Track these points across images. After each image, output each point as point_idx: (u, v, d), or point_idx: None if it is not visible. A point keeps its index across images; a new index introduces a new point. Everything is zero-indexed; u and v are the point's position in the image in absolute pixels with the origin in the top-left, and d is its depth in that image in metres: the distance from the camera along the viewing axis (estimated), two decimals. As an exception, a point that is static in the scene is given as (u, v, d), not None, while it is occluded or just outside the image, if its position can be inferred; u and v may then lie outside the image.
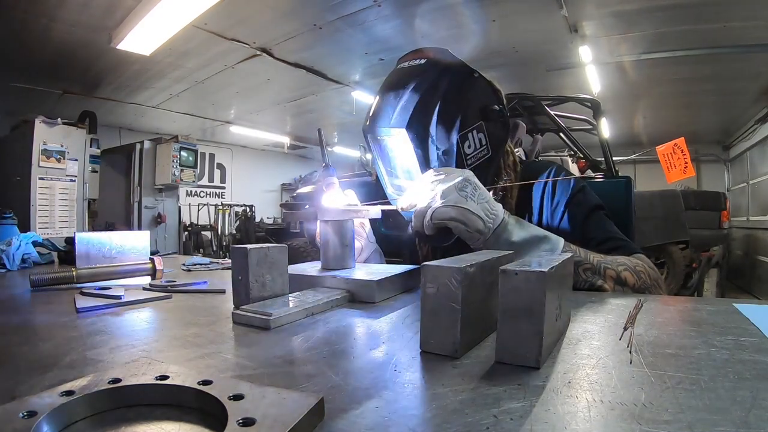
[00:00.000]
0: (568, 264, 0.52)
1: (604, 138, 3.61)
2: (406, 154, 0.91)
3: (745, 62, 4.78)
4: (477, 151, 0.90)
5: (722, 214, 5.75)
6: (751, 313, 0.58)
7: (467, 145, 0.89)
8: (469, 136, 0.89)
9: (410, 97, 0.88)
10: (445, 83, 0.89)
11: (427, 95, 0.88)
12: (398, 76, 0.94)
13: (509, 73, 5.59)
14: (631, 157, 8.02)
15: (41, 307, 0.72)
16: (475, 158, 0.90)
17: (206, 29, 4.40)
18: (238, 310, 0.57)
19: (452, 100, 0.89)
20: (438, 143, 0.87)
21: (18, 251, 1.17)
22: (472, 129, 0.89)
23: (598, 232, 0.95)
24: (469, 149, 0.89)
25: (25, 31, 4.16)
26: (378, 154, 0.97)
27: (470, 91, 0.92)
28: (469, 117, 0.89)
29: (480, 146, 0.90)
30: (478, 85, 0.95)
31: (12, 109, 5.51)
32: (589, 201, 0.99)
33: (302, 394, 0.31)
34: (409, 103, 0.88)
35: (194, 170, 6.66)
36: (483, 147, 0.91)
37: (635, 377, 0.37)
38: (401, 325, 0.58)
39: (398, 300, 0.73)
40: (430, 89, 0.88)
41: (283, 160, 11.19)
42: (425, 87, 0.88)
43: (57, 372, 0.40)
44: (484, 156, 0.91)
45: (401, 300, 0.73)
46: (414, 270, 0.82)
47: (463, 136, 0.88)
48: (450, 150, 0.88)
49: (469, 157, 0.89)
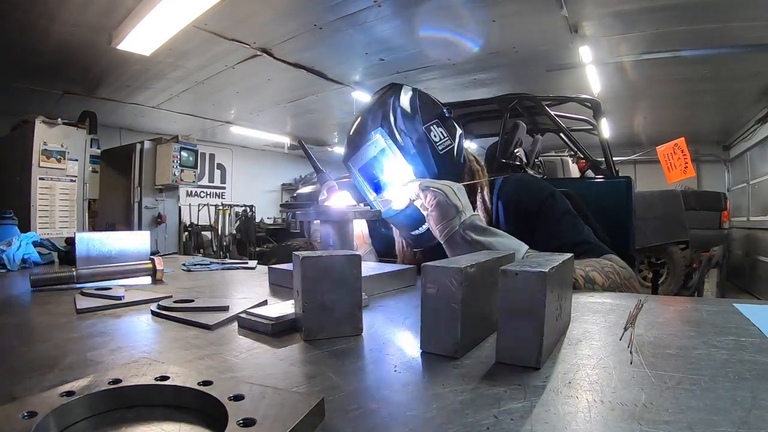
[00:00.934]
0: (568, 264, 0.52)
1: (605, 138, 3.61)
2: (387, 156, 1.03)
3: (746, 62, 4.78)
4: (442, 141, 1.06)
5: (722, 214, 5.75)
6: (751, 313, 0.58)
7: (433, 134, 1.04)
8: (432, 128, 1.05)
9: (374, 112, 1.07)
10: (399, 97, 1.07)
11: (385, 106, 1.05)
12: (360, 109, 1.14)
13: (509, 73, 5.60)
14: (631, 157, 8.00)
15: (41, 307, 0.72)
16: (443, 145, 1.05)
17: (206, 29, 4.40)
18: (243, 313, 0.57)
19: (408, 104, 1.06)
20: (409, 134, 1.03)
21: (18, 251, 1.17)
22: (432, 123, 1.05)
23: (568, 237, 1.01)
24: (436, 138, 1.05)
25: (25, 32, 4.16)
26: (362, 176, 1.08)
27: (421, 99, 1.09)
28: (425, 116, 1.05)
29: (443, 137, 1.06)
30: (425, 96, 1.11)
31: (12, 110, 5.52)
32: (558, 207, 1.07)
33: (302, 395, 0.31)
34: (375, 114, 1.06)
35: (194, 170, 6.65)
36: (446, 138, 1.06)
37: (635, 377, 0.37)
38: (401, 326, 0.58)
39: (398, 300, 0.73)
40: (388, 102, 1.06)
41: (284, 161, 11.19)
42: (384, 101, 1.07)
43: (57, 372, 0.40)
44: (449, 145, 1.07)
45: (401, 300, 0.73)
46: (407, 269, 0.87)
47: (427, 128, 1.04)
48: (421, 138, 1.03)
49: (437, 144, 1.05)
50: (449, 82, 5.81)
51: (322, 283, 0.50)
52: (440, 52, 4.90)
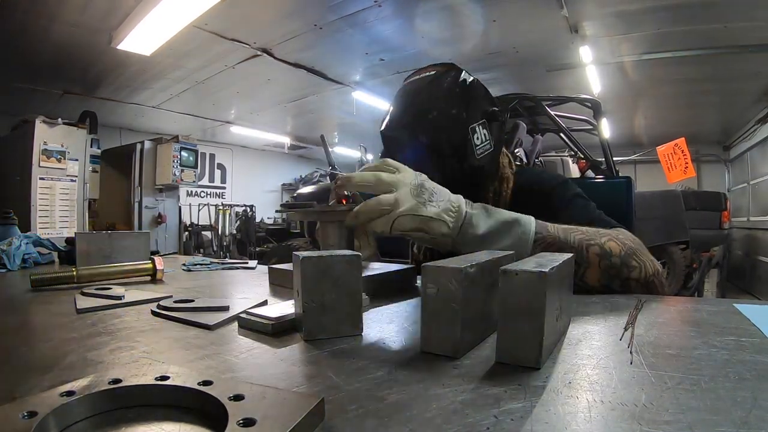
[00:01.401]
0: (569, 264, 0.52)
1: (605, 138, 3.61)
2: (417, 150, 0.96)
3: (746, 62, 4.78)
4: (482, 145, 0.97)
5: (723, 214, 5.76)
6: (751, 313, 0.58)
7: (476, 137, 0.96)
8: (477, 129, 0.96)
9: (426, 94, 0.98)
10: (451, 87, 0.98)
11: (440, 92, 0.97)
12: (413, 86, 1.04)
13: (509, 73, 5.60)
14: (631, 157, 8.02)
15: (41, 307, 0.72)
16: (482, 150, 0.98)
17: (207, 29, 4.41)
18: (243, 313, 0.57)
19: (462, 96, 0.97)
20: (450, 135, 0.95)
21: (18, 251, 1.17)
22: (478, 123, 0.97)
23: (581, 217, 0.95)
24: (477, 140, 0.97)
25: (25, 32, 4.16)
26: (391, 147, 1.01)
27: (473, 92, 1.00)
28: (473, 115, 0.97)
29: (485, 140, 0.98)
30: (479, 88, 1.03)
31: (12, 109, 5.52)
32: (569, 191, 1.03)
33: (302, 395, 0.31)
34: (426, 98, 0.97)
35: (194, 170, 6.67)
36: (487, 141, 0.98)
37: (636, 378, 0.37)
38: (401, 326, 0.58)
39: (398, 300, 0.73)
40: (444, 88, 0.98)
41: (284, 161, 11.19)
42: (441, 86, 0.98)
43: (57, 372, 0.40)
44: (487, 150, 0.99)
45: (401, 300, 0.73)
46: (407, 269, 0.85)
47: (473, 128, 0.96)
48: (461, 141, 0.95)
49: (477, 148, 0.97)
50: (449, 82, 5.81)
51: (322, 283, 0.50)
52: (440, 52, 4.91)
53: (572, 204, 1.00)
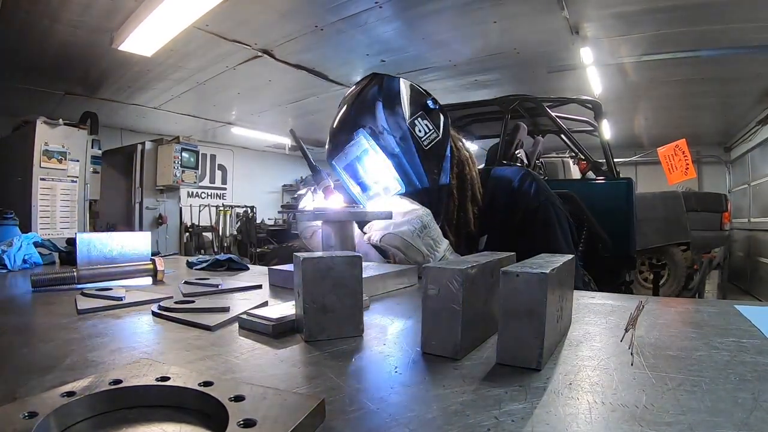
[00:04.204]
0: (569, 266, 0.52)
1: (605, 139, 3.61)
2: (371, 157, 1.03)
3: (746, 64, 4.77)
4: (427, 135, 1.04)
5: (723, 215, 5.74)
6: (752, 314, 0.58)
7: (418, 129, 1.03)
8: (417, 122, 1.03)
9: (356, 108, 1.05)
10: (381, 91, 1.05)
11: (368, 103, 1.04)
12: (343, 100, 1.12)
13: (510, 74, 5.60)
14: (632, 158, 8.01)
15: (42, 308, 0.72)
16: (429, 139, 1.04)
17: (207, 30, 4.41)
18: (243, 314, 0.57)
19: (391, 99, 1.04)
20: (393, 132, 1.01)
21: (19, 252, 1.17)
22: (416, 117, 1.03)
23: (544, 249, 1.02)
24: (420, 132, 1.03)
25: (26, 33, 4.16)
26: (348, 173, 1.08)
27: (404, 91, 1.07)
28: (409, 110, 1.03)
29: (429, 130, 1.04)
30: (406, 86, 1.09)
31: (14, 110, 5.52)
32: (540, 220, 1.08)
33: (303, 396, 0.31)
34: (357, 110, 1.04)
35: (195, 171, 6.67)
36: (431, 130, 1.04)
37: (636, 379, 0.37)
38: (402, 327, 0.58)
39: (399, 301, 0.73)
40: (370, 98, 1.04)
41: (285, 162, 11.19)
42: (366, 97, 1.05)
43: (58, 373, 0.40)
44: (435, 138, 1.05)
45: (402, 301, 0.73)
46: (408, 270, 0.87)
47: (411, 123, 1.02)
48: (405, 135, 1.02)
49: (423, 139, 1.03)
50: (450, 83, 5.81)
51: (322, 284, 0.50)
52: (441, 53, 4.91)
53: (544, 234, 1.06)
